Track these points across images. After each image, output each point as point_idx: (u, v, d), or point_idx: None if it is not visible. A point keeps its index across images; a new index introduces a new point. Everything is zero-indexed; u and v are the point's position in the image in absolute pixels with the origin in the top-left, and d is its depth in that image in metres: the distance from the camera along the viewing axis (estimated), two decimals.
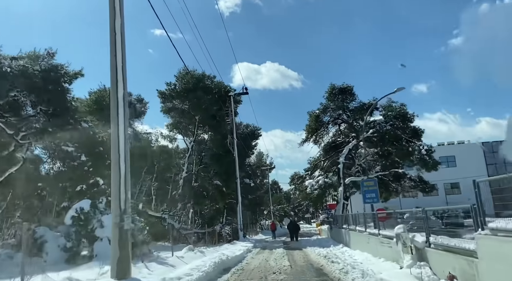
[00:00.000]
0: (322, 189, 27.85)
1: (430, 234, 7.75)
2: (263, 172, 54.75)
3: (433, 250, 7.47)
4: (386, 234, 11.18)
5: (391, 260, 10.18)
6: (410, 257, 7.89)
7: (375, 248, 12.05)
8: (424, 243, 7.82)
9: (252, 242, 23.76)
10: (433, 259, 7.44)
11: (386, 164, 31.02)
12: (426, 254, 7.74)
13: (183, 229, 25.04)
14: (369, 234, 13.31)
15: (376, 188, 15.78)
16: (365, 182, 15.84)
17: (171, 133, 32.41)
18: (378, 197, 15.74)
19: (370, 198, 15.88)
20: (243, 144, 38.82)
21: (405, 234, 8.29)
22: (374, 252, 12.16)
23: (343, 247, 17.47)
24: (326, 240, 22.60)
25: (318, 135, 31.30)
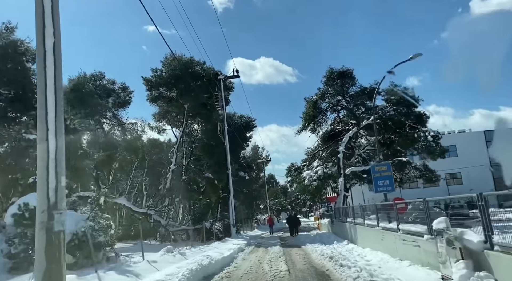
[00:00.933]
0: (321, 180, 25.30)
1: (492, 231, 5.19)
2: (259, 166, 52.16)
3: (501, 254, 4.93)
4: (409, 229, 8.64)
5: (420, 263, 7.66)
6: (463, 264, 5.34)
7: (393, 247, 9.53)
8: (481, 243, 5.28)
9: (246, 239, 21.23)
10: (501, 268, 4.90)
11: (388, 153, 28.55)
12: (487, 260, 5.19)
13: (170, 226, 22.49)
14: (382, 229, 10.79)
15: (390, 174, 13.09)
16: (376, 167, 13.18)
17: (158, 124, 29.67)
18: (393, 184, 13.11)
19: (383, 186, 13.17)
20: (237, 135, 36.37)
21: (451, 230, 5.74)
22: (391, 252, 9.64)
23: (348, 243, 14.95)
24: (328, 236, 20.10)
25: (316, 123, 28.71)
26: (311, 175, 26.28)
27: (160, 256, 11.27)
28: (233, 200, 22.89)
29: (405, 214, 15.24)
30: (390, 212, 10.67)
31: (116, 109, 27.77)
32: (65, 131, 16.32)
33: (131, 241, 24.32)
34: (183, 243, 21.44)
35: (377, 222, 11.27)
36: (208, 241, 20.41)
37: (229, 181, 23.63)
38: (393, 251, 9.54)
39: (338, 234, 18.87)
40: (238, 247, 16.28)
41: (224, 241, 19.29)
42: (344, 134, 27.79)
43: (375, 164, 13.47)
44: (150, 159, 35.29)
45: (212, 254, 12.29)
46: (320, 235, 22.07)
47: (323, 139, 29.40)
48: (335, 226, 20.67)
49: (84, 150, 18.21)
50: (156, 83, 26.99)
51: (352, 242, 15.04)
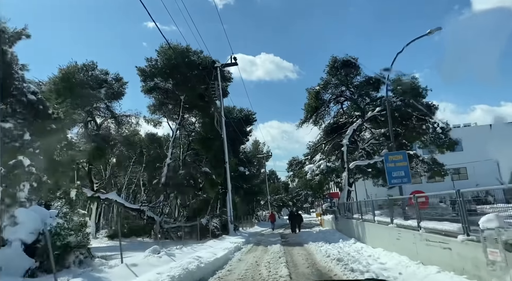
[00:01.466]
0: (324, 174, 23.78)
1: None
2: (259, 161, 50.65)
3: None
4: (434, 227, 7.12)
5: (452, 270, 6.14)
6: None
7: (412, 248, 8.02)
8: None
9: (245, 236, 19.77)
10: None
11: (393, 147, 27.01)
12: None
13: (165, 222, 21.03)
14: (398, 227, 9.28)
15: (406, 164, 11.40)
16: (390, 156, 11.51)
17: (153, 116, 28.14)
18: (409, 175, 11.44)
19: (397, 178, 11.45)
20: (236, 129, 34.93)
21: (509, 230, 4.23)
22: (410, 254, 8.13)
23: (355, 242, 13.45)
24: (332, 233, 18.61)
25: (318, 115, 27.15)
26: (313, 169, 24.77)
27: (144, 257, 9.79)
28: (231, 195, 21.41)
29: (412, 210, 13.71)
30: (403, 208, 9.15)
31: (110, 101, 26.23)
32: (47, 121, 14.62)
33: (124, 238, 22.92)
34: (178, 240, 20.02)
35: (391, 218, 9.74)
36: (204, 239, 18.97)
37: (227, 175, 22.13)
38: (412, 253, 8.03)
39: (343, 231, 17.37)
40: (235, 245, 14.81)
41: (221, 238, 17.83)
42: (347, 127, 26.26)
43: (389, 153, 11.88)
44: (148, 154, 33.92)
45: (204, 254, 10.81)
46: (323, 232, 20.59)
47: (325, 132, 27.87)
48: (339, 223, 19.19)
49: (68, 142, 16.67)
50: (150, 73, 25.45)
51: (359, 240, 13.53)
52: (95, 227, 25.03)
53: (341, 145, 25.77)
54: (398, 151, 13.55)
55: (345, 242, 13.79)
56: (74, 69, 23.60)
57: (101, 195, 20.38)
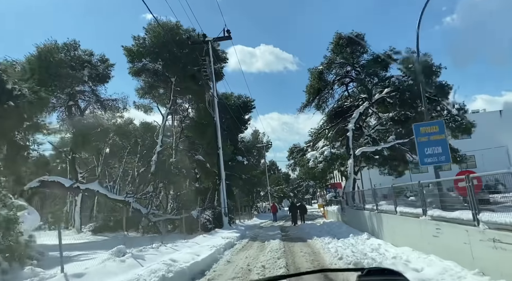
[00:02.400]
0: (328, 162, 21.30)
1: None
2: (259, 152, 48.16)
3: None
4: (505, 221, 4.65)
5: None
6: None
7: (465, 251, 5.55)
8: None
9: (240, 230, 17.37)
10: None
11: (402, 132, 24.52)
12: None
13: (153, 215, 18.65)
14: (433, 220, 6.81)
15: (444, 137, 8.63)
16: (422, 128, 8.83)
17: (142, 100, 25.64)
18: (448, 152, 8.72)
19: (432, 156, 8.67)
20: (234, 117, 32.48)
21: None
22: (459, 258, 5.68)
23: (369, 238, 11.02)
24: (338, 226, 16.18)
25: (321, 98, 24.58)
26: (316, 156, 22.29)
27: (101, 262, 7.38)
28: (225, 185, 18.94)
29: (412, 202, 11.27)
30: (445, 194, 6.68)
31: (94, 84, 23.72)
32: (3, 97, 11.97)
33: (109, 233, 20.60)
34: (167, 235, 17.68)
35: (424, 209, 7.25)
36: (195, 233, 16.63)
37: (220, 162, 19.64)
38: (463, 257, 5.57)
39: (352, 223, 14.94)
40: (227, 242, 12.39)
41: (213, 233, 15.43)
42: (353, 111, 23.72)
43: (420, 124, 9.26)
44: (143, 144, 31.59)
45: (182, 256, 8.38)
46: (328, 224, 18.16)
47: (329, 117, 25.32)
48: (346, 214, 16.74)
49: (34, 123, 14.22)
50: (138, 53, 22.85)
51: (374, 235, 11.09)
52: (80, 220, 22.68)
53: (346, 130, 23.25)
54: (433, 121, 10.98)
55: (357, 237, 11.37)
56: (52, 48, 21.04)
57: (81, 185, 17.98)
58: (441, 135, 8.65)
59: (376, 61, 22.52)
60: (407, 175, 30.81)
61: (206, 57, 19.37)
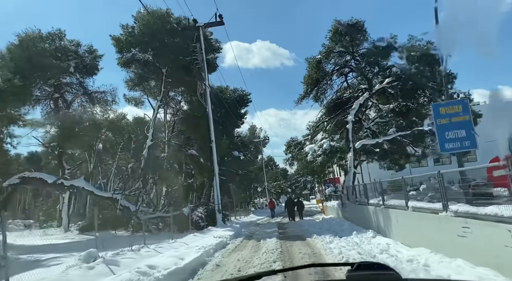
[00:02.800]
0: (327, 155, 20.14)
1: None
2: (257, 147, 46.97)
3: None
4: None
5: None
6: None
7: (501, 254, 4.41)
8: None
9: (235, 227, 16.19)
10: None
11: (403, 124, 23.41)
12: None
13: (142, 212, 17.44)
14: (457, 217, 5.65)
15: (469, 118, 7.35)
16: (442, 107, 7.49)
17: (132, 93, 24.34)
18: (473, 138, 7.29)
19: (455, 140, 7.20)
20: (230, 111, 31.28)
21: None
22: (497, 264, 4.52)
23: (375, 236, 9.88)
24: (339, 222, 15.03)
25: (319, 90, 23.37)
26: (314, 150, 21.12)
27: (64, 270, 6.18)
28: (218, 180, 17.71)
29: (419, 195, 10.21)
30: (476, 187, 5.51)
31: (82, 76, 22.41)
32: None
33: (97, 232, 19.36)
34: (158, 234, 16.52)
35: (445, 203, 6.08)
36: (186, 232, 15.47)
37: (213, 156, 18.40)
38: (504, 263, 4.41)
39: (354, 220, 13.78)
40: (219, 241, 11.22)
41: (205, 231, 14.26)
42: (352, 103, 22.57)
43: (440, 103, 7.97)
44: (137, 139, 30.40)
45: (163, 261, 7.20)
46: (328, 221, 17.01)
47: (328, 110, 24.14)
48: (348, 210, 15.58)
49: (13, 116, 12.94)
50: (127, 43, 21.51)
51: (381, 233, 9.94)
52: (68, 219, 21.45)
53: (345, 122, 22.11)
54: (455, 99, 9.81)
55: (361, 235, 10.22)
56: (35, 37, 19.70)
57: (65, 182, 16.73)
58: (465, 116, 7.42)
59: (376, 49, 21.32)
60: (407, 169, 29.75)
61: (197, 43, 18.05)
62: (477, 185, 5.90)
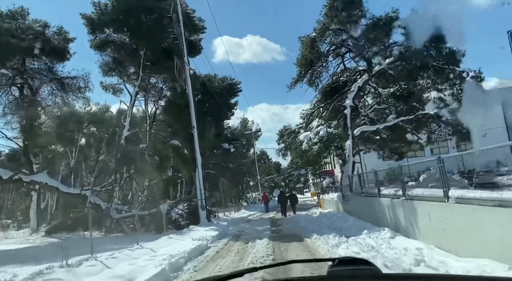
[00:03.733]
0: (324, 143, 17.78)
1: None
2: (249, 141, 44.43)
3: None
4: None
5: None
6: None
7: None
8: None
9: (222, 226, 13.75)
10: None
11: (403, 109, 21.19)
12: None
13: (116, 211, 14.94)
14: None
15: None
16: None
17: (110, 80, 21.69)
18: None
19: None
20: (219, 101, 28.80)
21: None
22: None
23: (394, 236, 7.52)
24: (341, 217, 12.66)
25: (314, 73, 20.98)
26: (310, 137, 18.74)
27: None
28: (201, 172, 15.22)
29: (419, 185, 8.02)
30: None
31: (52, 61, 19.71)
32: None
33: (67, 233, 16.83)
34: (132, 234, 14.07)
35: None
36: (165, 232, 13.05)
37: (195, 143, 15.90)
38: None
39: (360, 215, 11.43)
40: (196, 245, 8.79)
41: (184, 232, 11.84)
42: (350, 87, 20.24)
43: None
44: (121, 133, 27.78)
45: None
46: (327, 215, 14.65)
47: (323, 95, 21.70)
48: (351, 203, 13.22)
49: None
50: (99, 22, 18.84)
51: (400, 232, 7.59)
52: (36, 220, 18.84)
53: (342, 108, 19.78)
54: None
55: (374, 235, 7.87)
56: None
57: (24, 177, 14.12)
58: None
59: (376, 25, 18.95)
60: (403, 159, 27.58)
61: (174, 14, 15.45)
62: None
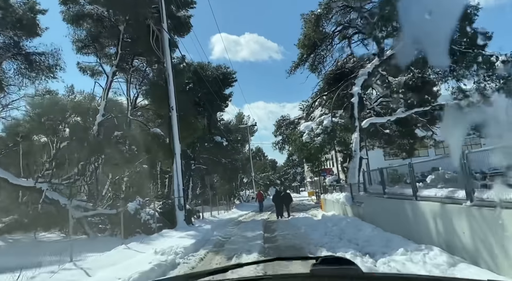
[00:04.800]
0: (328, 134, 15.00)
1: None
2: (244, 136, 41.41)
3: None
4: None
5: None
6: None
7: None
8: None
9: (203, 230, 10.87)
10: None
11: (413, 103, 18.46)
12: None
13: (77, 208, 12.04)
14: None
15: None
16: None
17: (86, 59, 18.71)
18: None
19: None
20: (212, 91, 25.97)
21: None
22: None
23: (454, 262, 4.69)
24: (354, 224, 9.80)
25: (317, 56, 18.19)
26: (312, 128, 15.94)
27: None
28: (180, 163, 12.24)
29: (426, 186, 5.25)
30: None
31: (17, 34, 16.69)
32: None
33: (22, 233, 13.91)
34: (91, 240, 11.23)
35: None
36: (133, 236, 10.21)
37: (173, 129, 12.94)
38: None
39: (380, 222, 8.60)
40: (155, 264, 5.92)
41: (153, 238, 8.97)
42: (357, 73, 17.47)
43: None
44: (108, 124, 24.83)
45: None
46: (333, 220, 11.76)
47: (327, 82, 18.94)
48: (366, 207, 10.35)
49: None
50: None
51: (463, 256, 4.80)
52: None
53: (348, 97, 17.02)
54: None
55: (417, 256, 5.07)
56: None
57: None
58: None
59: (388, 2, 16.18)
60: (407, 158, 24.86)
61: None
62: None
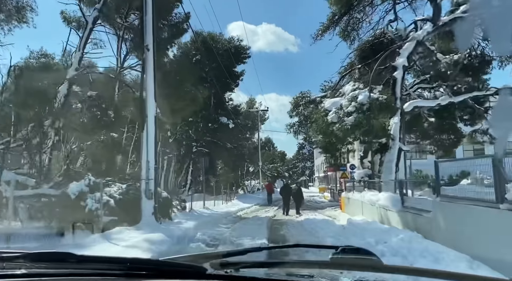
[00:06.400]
0: (364, 113, 10.96)
1: None
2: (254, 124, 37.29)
3: None
4: None
5: None
6: None
7: None
8: None
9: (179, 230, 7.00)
10: None
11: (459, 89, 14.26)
12: None
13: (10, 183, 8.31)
14: None
15: None
16: None
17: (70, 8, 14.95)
18: None
19: None
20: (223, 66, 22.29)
21: None
22: None
23: None
24: (416, 243, 5.81)
25: (351, 20, 14.03)
26: (341, 105, 11.94)
27: None
28: (154, 130, 8.28)
29: None
30: None
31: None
32: None
33: None
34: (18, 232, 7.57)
35: None
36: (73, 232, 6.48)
37: (147, 76, 8.90)
38: None
39: (479, 250, 4.64)
40: None
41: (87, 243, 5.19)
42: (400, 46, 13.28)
43: None
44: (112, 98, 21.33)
45: None
46: (370, 230, 7.78)
47: (360, 56, 14.77)
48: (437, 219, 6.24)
49: None
50: None
51: None
52: None
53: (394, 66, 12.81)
54: None
55: None
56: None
57: None
58: None
59: None
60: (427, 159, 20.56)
61: None
62: None
